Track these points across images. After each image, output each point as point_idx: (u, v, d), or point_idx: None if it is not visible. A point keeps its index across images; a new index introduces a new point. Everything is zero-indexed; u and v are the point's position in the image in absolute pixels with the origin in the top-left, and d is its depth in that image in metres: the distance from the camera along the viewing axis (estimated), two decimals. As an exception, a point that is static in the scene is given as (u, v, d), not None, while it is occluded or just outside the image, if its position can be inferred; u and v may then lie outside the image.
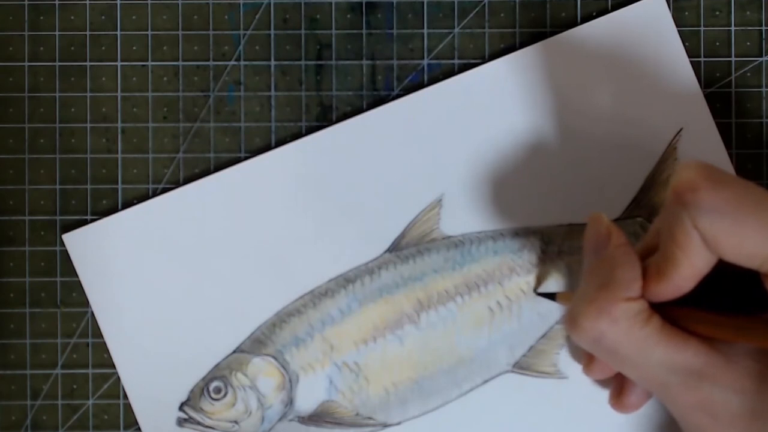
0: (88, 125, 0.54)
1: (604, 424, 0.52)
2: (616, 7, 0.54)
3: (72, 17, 0.54)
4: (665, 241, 0.45)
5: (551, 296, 0.52)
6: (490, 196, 0.53)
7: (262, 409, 0.53)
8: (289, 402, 0.53)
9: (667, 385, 0.45)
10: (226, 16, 0.54)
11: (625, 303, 0.45)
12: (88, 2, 0.54)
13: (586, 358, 0.51)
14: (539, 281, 0.53)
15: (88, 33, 0.54)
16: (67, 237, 0.53)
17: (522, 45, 0.54)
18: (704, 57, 0.54)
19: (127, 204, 0.54)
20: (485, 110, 0.53)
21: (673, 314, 0.46)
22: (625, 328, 0.45)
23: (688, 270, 0.45)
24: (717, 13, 0.54)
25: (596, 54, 0.53)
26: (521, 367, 0.53)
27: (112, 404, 0.53)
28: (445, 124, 0.53)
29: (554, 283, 0.53)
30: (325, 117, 0.54)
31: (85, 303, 0.53)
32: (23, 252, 0.54)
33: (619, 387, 0.51)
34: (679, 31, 0.53)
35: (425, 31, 0.54)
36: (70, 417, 0.53)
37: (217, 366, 0.53)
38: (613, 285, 0.45)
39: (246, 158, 0.54)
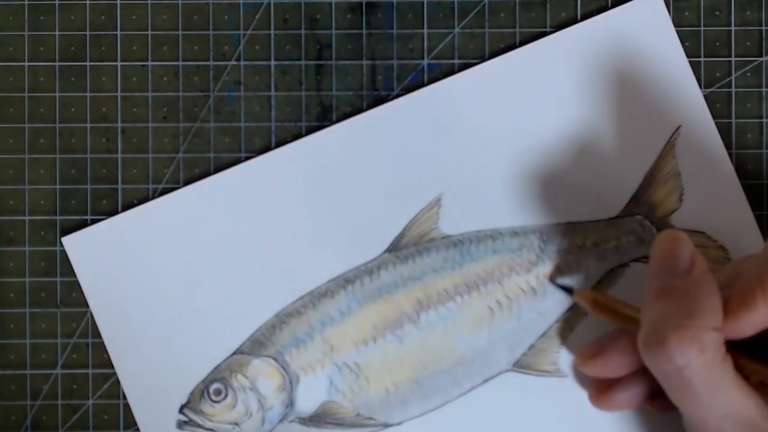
0: (88, 125, 0.54)
1: (604, 423, 0.52)
2: (615, 7, 0.54)
3: (72, 17, 0.54)
4: (748, 283, 0.45)
5: (568, 290, 0.52)
6: (488, 196, 0.53)
7: (262, 410, 0.53)
8: (290, 403, 0.53)
9: (722, 431, 0.45)
10: (226, 16, 0.54)
11: (713, 333, 0.44)
12: (88, 2, 0.54)
13: (591, 352, 0.50)
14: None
15: (88, 33, 0.54)
16: (66, 240, 0.53)
17: (522, 45, 0.54)
18: (704, 57, 0.54)
19: (127, 204, 0.54)
20: (485, 110, 0.53)
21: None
22: (710, 359, 0.44)
23: (762, 317, 0.44)
24: (717, 13, 0.54)
25: (594, 52, 0.53)
26: (521, 366, 0.53)
27: (112, 404, 0.53)
28: (445, 124, 0.53)
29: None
30: (325, 117, 0.54)
31: (85, 303, 0.53)
32: (23, 252, 0.54)
33: (605, 386, 0.50)
34: (679, 30, 0.54)
35: (425, 31, 0.54)
36: (70, 417, 0.53)
37: (217, 368, 0.53)
38: (702, 313, 0.44)
39: (246, 158, 0.54)
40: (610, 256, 0.53)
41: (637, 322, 0.47)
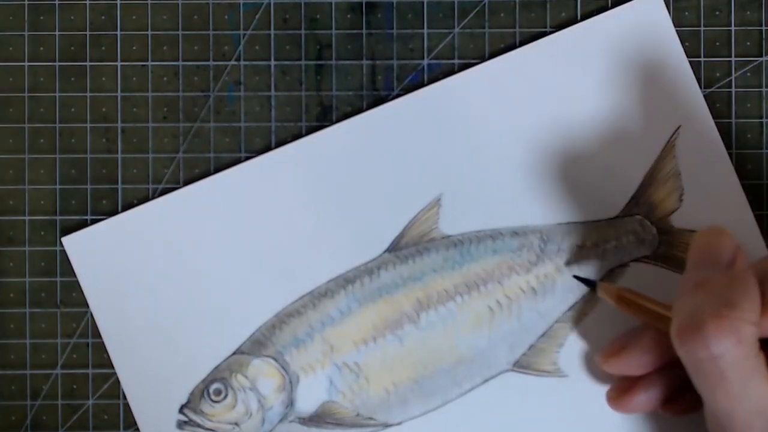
0: (88, 125, 0.54)
1: (604, 423, 0.52)
2: (615, 7, 0.54)
3: (72, 17, 0.54)
4: None
5: (589, 283, 0.52)
6: (489, 196, 0.53)
7: (262, 410, 0.53)
8: (290, 403, 0.53)
9: (751, 427, 0.44)
10: (226, 16, 0.54)
11: (751, 326, 0.44)
12: (88, 2, 0.54)
13: (614, 349, 0.50)
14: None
15: (88, 33, 0.54)
16: (66, 240, 0.53)
17: (522, 45, 0.54)
18: (704, 57, 0.54)
19: (127, 204, 0.54)
20: (485, 110, 0.53)
21: None
22: (746, 352, 0.43)
23: None
24: (717, 13, 0.54)
25: (594, 52, 0.53)
26: (521, 366, 0.53)
27: (112, 404, 0.53)
28: (445, 124, 0.53)
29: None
30: (325, 117, 0.54)
31: (86, 303, 0.53)
32: (23, 252, 0.54)
33: (625, 386, 0.50)
34: (679, 30, 0.54)
35: (425, 31, 0.54)
36: (70, 417, 0.53)
37: (217, 368, 0.53)
38: (743, 305, 0.44)
39: (246, 158, 0.54)
40: (610, 256, 0.53)
41: (662, 318, 0.47)
